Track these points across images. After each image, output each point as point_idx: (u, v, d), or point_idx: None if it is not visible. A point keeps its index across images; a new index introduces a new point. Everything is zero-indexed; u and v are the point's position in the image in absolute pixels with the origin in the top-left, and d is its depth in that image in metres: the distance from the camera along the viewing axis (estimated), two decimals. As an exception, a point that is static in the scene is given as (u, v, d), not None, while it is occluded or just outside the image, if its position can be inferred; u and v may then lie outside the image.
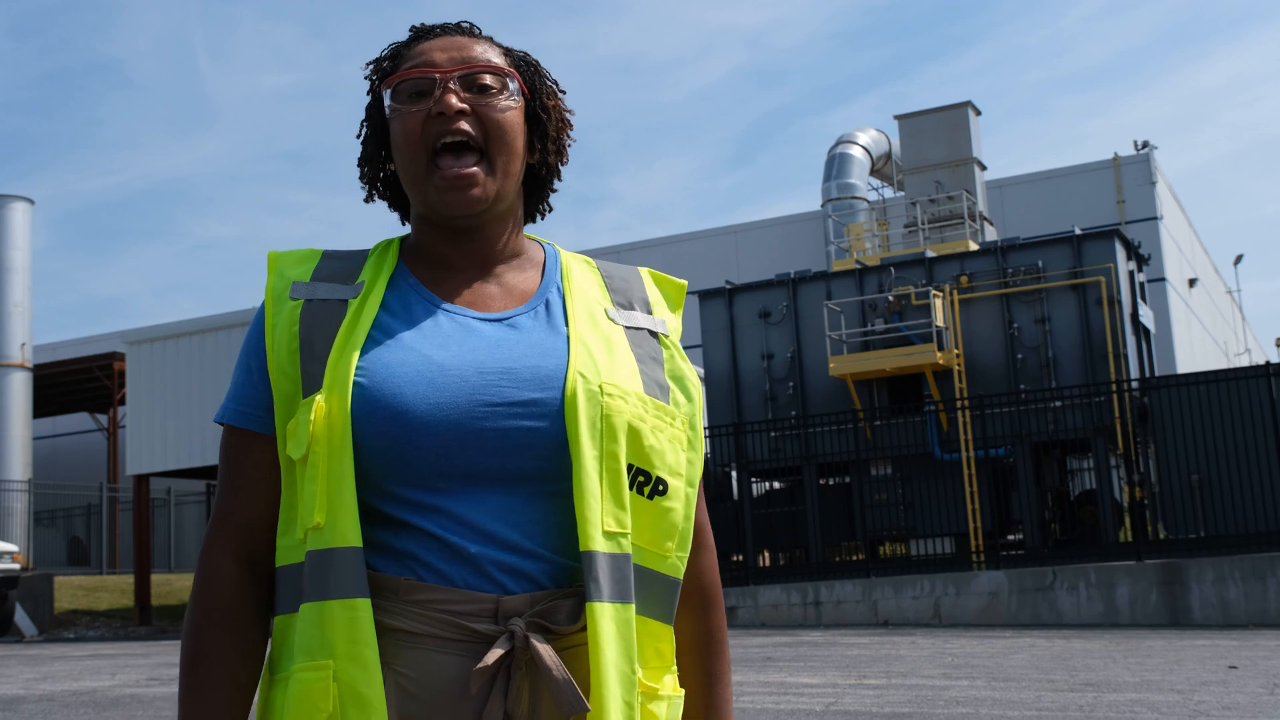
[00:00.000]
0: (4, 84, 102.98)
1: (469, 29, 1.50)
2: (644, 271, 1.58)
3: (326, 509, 1.30)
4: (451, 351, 1.37)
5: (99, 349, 33.13)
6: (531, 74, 1.51)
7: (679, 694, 1.45)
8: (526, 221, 1.55)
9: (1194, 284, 34.52)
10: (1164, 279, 29.68)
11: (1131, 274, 19.00)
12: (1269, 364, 15.64)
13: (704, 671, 1.52)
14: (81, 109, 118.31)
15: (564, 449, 1.34)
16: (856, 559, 18.41)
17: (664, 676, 1.43)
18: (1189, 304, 33.41)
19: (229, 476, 1.43)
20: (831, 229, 28.69)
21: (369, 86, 1.51)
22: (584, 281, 1.50)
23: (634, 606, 1.34)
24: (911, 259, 19.44)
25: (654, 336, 1.49)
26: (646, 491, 1.38)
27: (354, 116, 1.58)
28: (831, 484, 19.23)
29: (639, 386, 1.40)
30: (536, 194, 1.55)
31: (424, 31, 1.49)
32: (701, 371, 20.57)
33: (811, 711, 7.61)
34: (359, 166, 1.53)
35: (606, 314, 1.47)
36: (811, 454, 18.38)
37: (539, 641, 1.30)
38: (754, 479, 19.24)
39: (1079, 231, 18.62)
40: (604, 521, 1.32)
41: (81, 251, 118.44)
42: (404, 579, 1.32)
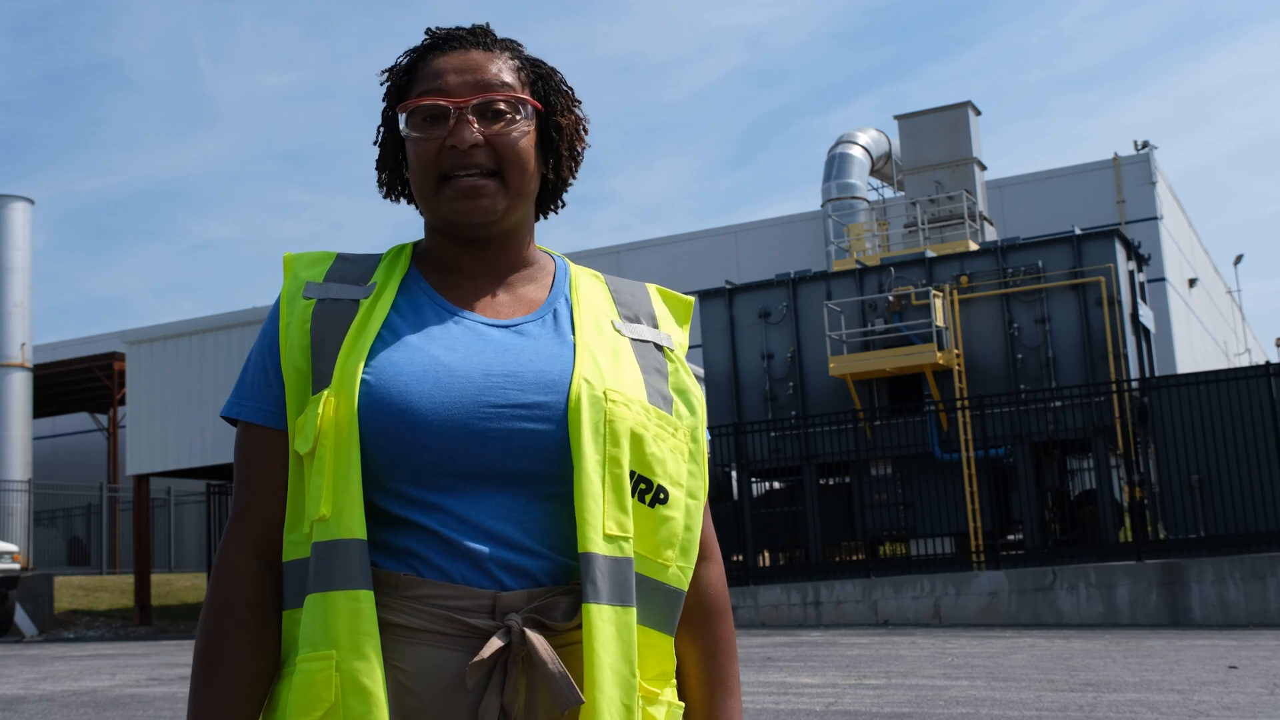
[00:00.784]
0: (4, 84, 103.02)
1: (484, 37, 1.50)
2: (651, 288, 1.60)
3: (332, 501, 1.32)
4: (459, 353, 1.39)
5: (99, 349, 33.14)
6: (545, 87, 1.51)
7: (679, 704, 1.46)
8: (536, 219, 1.56)
9: (1194, 284, 34.52)
10: (1164, 279, 29.68)
11: (1131, 274, 19.00)
12: (1269, 364, 15.64)
13: (713, 683, 1.52)
14: (81, 109, 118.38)
15: (566, 452, 1.35)
16: (856, 559, 18.41)
17: (664, 687, 1.43)
18: (1189, 304, 33.41)
19: (246, 473, 1.44)
20: (831, 229, 28.69)
21: (384, 94, 1.52)
22: (592, 294, 1.52)
23: (635, 611, 1.35)
24: (911, 259, 19.44)
25: (659, 350, 1.51)
26: (648, 499, 1.39)
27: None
28: (831, 484, 19.24)
29: (643, 395, 1.42)
30: (548, 198, 1.57)
31: (439, 40, 1.50)
32: (701, 371, 20.57)
33: (811, 711, 7.61)
34: (377, 170, 1.55)
35: (613, 325, 1.49)
36: (811, 454, 18.38)
37: (536, 636, 1.31)
38: (754, 479, 19.24)
39: (1079, 231, 18.62)
40: (605, 525, 1.33)
41: (81, 251, 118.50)
42: (403, 575, 1.33)
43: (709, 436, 18.90)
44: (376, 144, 1.54)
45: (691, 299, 1.62)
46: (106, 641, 17.88)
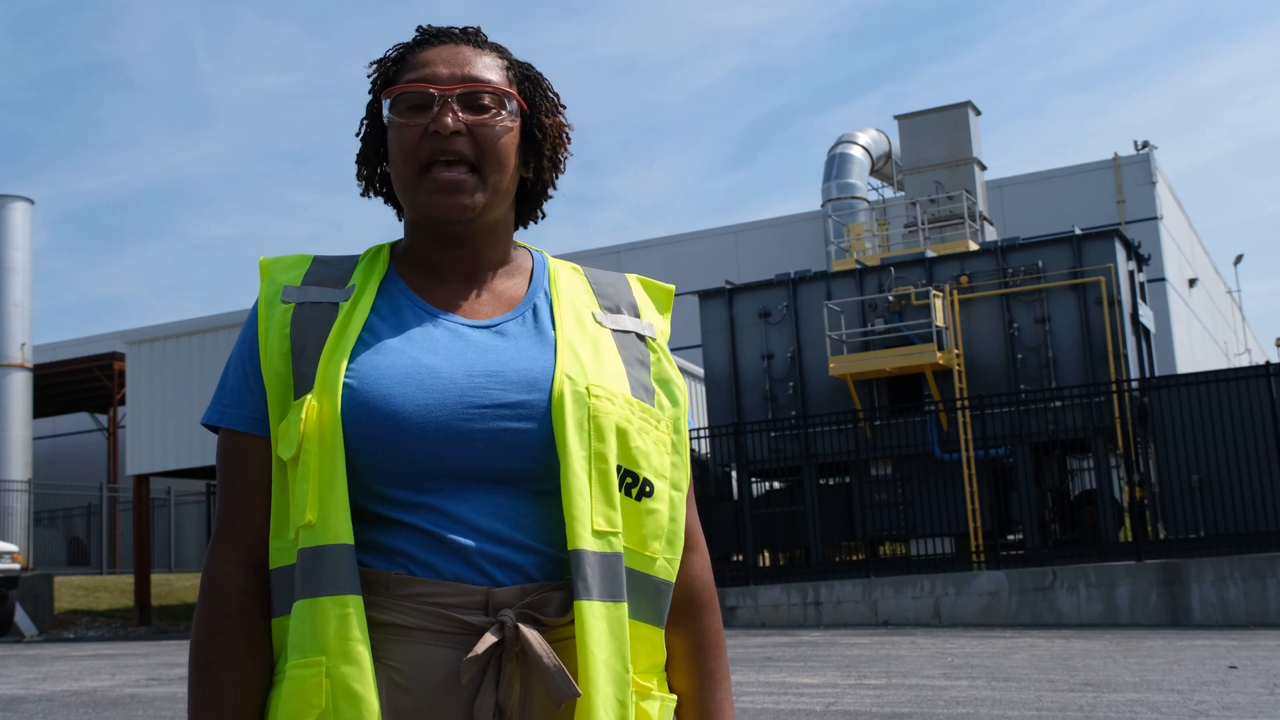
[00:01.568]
0: (4, 84, 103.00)
1: (475, 36, 1.51)
2: (631, 277, 1.60)
3: (318, 507, 1.31)
4: (441, 355, 1.39)
5: (99, 349, 33.14)
6: (532, 89, 1.51)
7: (671, 697, 1.46)
8: (516, 228, 1.56)
9: (1194, 284, 34.52)
10: (1164, 279, 29.68)
11: (1131, 274, 18.99)
12: (1269, 364, 15.64)
13: (701, 674, 1.52)
14: (81, 109, 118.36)
15: (551, 450, 1.35)
16: (856, 559, 18.41)
17: (656, 680, 1.44)
18: (1189, 304, 33.41)
19: (230, 482, 1.43)
20: (831, 229, 28.69)
21: (370, 85, 1.52)
22: (571, 287, 1.52)
23: (626, 606, 1.35)
24: (911, 259, 19.44)
25: (641, 340, 1.50)
26: (634, 493, 1.39)
27: (354, 116, 1.59)
28: (831, 484, 19.23)
29: (625, 389, 1.42)
30: (529, 204, 1.56)
31: (429, 35, 1.50)
32: (701, 371, 20.57)
33: (811, 711, 7.61)
34: (357, 164, 1.55)
35: (594, 317, 1.48)
36: (811, 454, 18.38)
37: (530, 630, 1.31)
38: (754, 479, 19.24)
39: (1079, 231, 18.61)
40: (594, 520, 1.33)
41: (81, 251, 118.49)
42: (394, 574, 1.33)
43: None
44: (358, 136, 1.54)
45: (671, 286, 1.61)
46: (106, 641, 17.88)
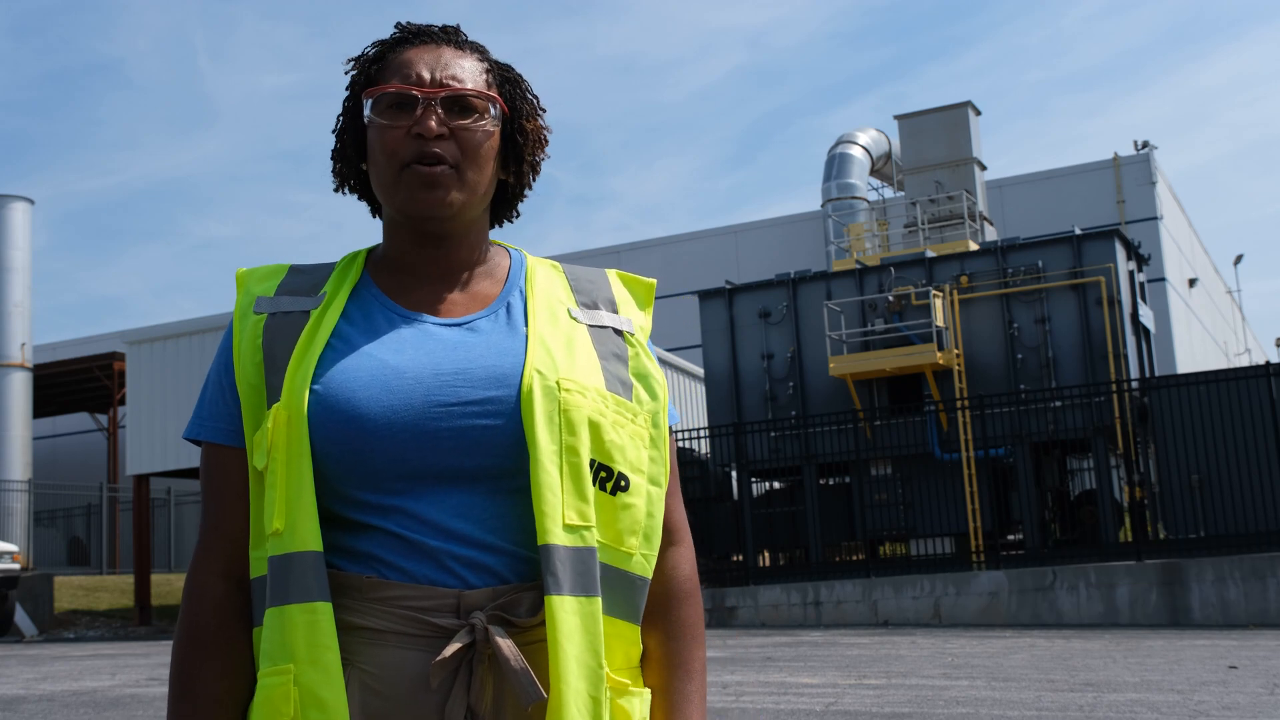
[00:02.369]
0: (4, 84, 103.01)
1: (455, 36, 1.51)
2: (611, 273, 1.59)
3: (285, 514, 1.31)
4: (408, 356, 1.38)
5: (99, 349, 33.13)
6: (512, 91, 1.51)
7: (648, 692, 1.45)
8: (492, 227, 1.56)
9: (1194, 284, 34.52)
10: (1164, 279, 29.68)
11: (1131, 274, 18.99)
12: (1269, 364, 15.64)
13: (673, 665, 1.50)
14: (81, 109, 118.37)
15: (521, 446, 1.34)
16: (856, 559, 18.41)
17: (634, 677, 1.43)
18: (1189, 304, 33.41)
19: (211, 494, 1.44)
20: (831, 229, 28.69)
21: (349, 83, 1.51)
22: (548, 283, 1.51)
23: (600, 601, 1.34)
24: (911, 259, 19.43)
25: (619, 335, 1.49)
26: (609, 487, 1.38)
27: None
28: (831, 484, 19.23)
29: (600, 382, 1.41)
30: (504, 205, 1.57)
31: (410, 34, 1.50)
32: (701, 371, 20.56)
33: (811, 711, 7.61)
34: (333, 160, 1.54)
35: (569, 313, 1.47)
36: (811, 454, 18.38)
37: (498, 633, 1.30)
38: (754, 479, 19.24)
39: (1079, 231, 18.61)
40: (565, 515, 1.32)
41: (81, 251, 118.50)
42: (366, 577, 1.33)
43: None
44: (335, 132, 1.53)
45: (653, 281, 1.60)
46: (106, 641, 17.88)
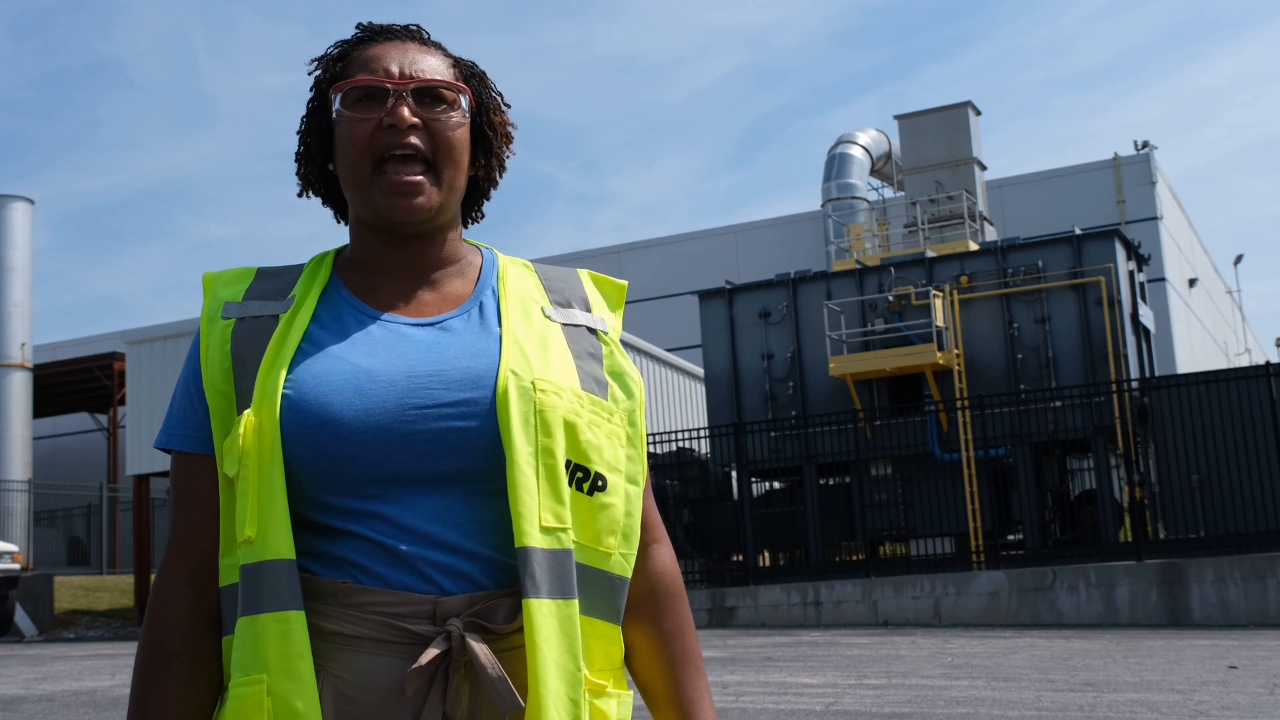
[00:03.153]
0: (4, 84, 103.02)
1: (418, 34, 1.50)
2: (583, 273, 1.57)
3: (258, 522, 1.30)
4: (380, 358, 1.37)
5: (99, 349, 33.12)
6: (479, 86, 1.50)
7: (627, 693, 1.44)
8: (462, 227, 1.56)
9: (1194, 284, 34.52)
10: (1164, 279, 29.68)
11: (1131, 274, 18.99)
12: (1269, 364, 15.63)
13: (680, 663, 1.50)
14: (82, 109, 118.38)
15: (497, 447, 1.33)
16: (856, 559, 18.40)
17: (612, 678, 1.41)
18: (1189, 304, 33.41)
19: (180, 502, 1.42)
20: (831, 229, 28.68)
21: (313, 83, 1.49)
22: (521, 282, 1.49)
23: (577, 603, 1.33)
24: (911, 259, 19.43)
25: (593, 334, 1.48)
26: (586, 488, 1.37)
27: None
28: (831, 484, 19.23)
29: (575, 382, 1.39)
30: (473, 202, 1.55)
31: (374, 32, 1.48)
32: (701, 371, 20.55)
33: (811, 711, 7.61)
34: (296, 162, 1.52)
35: (543, 312, 1.46)
36: (811, 454, 18.38)
37: (475, 640, 1.29)
38: (754, 479, 19.23)
39: (1079, 231, 18.61)
40: (541, 517, 1.31)
41: (81, 251, 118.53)
42: (341, 582, 1.31)
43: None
44: (299, 134, 1.51)
45: (623, 282, 1.59)
46: (106, 641, 17.88)
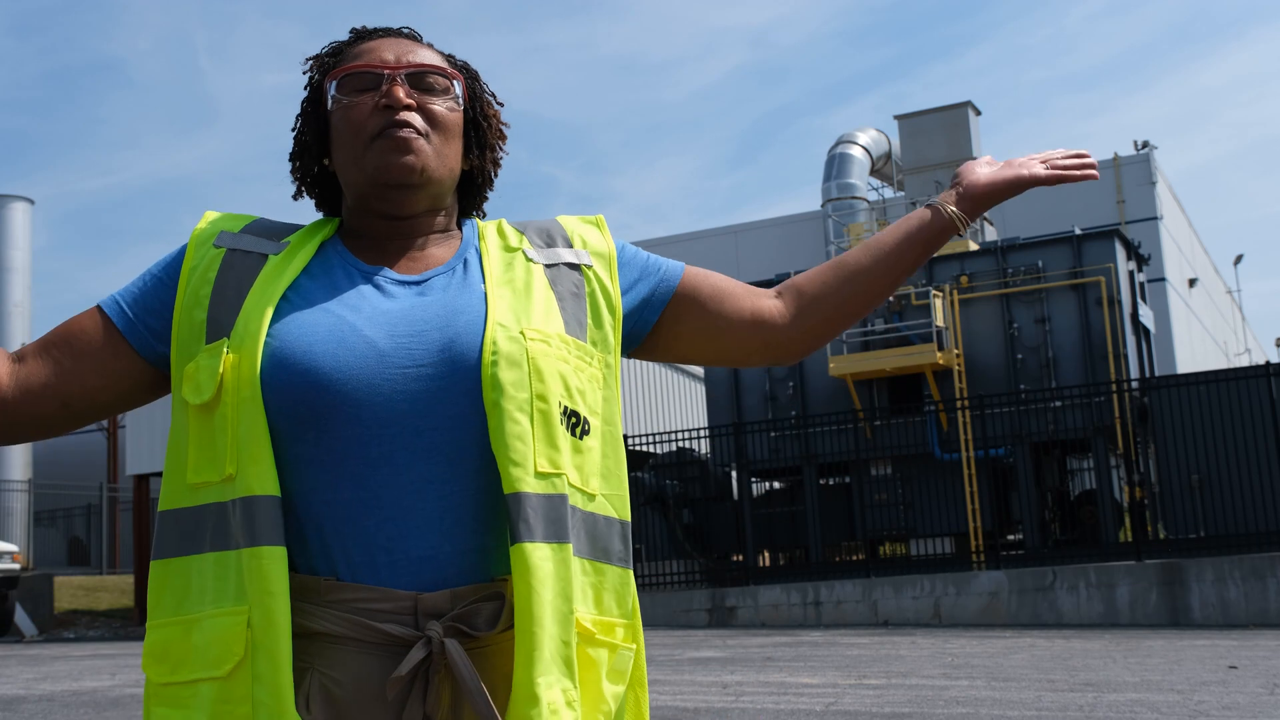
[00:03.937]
0: (5, 83, 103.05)
1: (411, 33, 1.52)
2: (561, 218, 1.59)
3: (238, 459, 1.30)
4: (364, 314, 1.38)
5: (99, 349, 33.09)
6: (472, 83, 1.54)
7: (629, 646, 1.44)
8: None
9: (1194, 284, 34.52)
10: (1164, 279, 29.68)
11: (1131, 274, 19.00)
12: (1269, 364, 15.63)
13: (867, 251, 1.59)
14: (82, 108, 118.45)
15: (477, 407, 1.33)
16: (856, 559, 18.40)
17: (620, 628, 1.42)
18: (1189, 304, 33.40)
19: (61, 328, 1.44)
20: (831, 229, 28.69)
21: (307, 81, 1.51)
22: (500, 234, 1.52)
23: (571, 546, 1.33)
24: (911, 259, 19.41)
25: (575, 270, 1.49)
26: (577, 432, 1.38)
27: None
28: (831, 484, 19.23)
29: (560, 327, 1.41)
30: (470, 199, 1.58)
31: (366, 33, 1.51)
32: (701, 371, 20.54)
33: (811, 711, 7.61)
34: (291, 161, 1.54)
35: (525, 255, 1.48)
36: (811, 454, 18.38)
37: (455, 648, 1.29)
38: (754, 479, 19.23)
39: (1079, 231, 18.61)
40: (536, 463, 1.32)
41: (81, 251, 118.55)
42: (325, 580, 1.32)
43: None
44: (293, 131, 1.53)
45: (599, 215, 1.61)
46: (106, 641, 17.88)
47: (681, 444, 19.17)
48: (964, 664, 10.20)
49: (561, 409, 1.36)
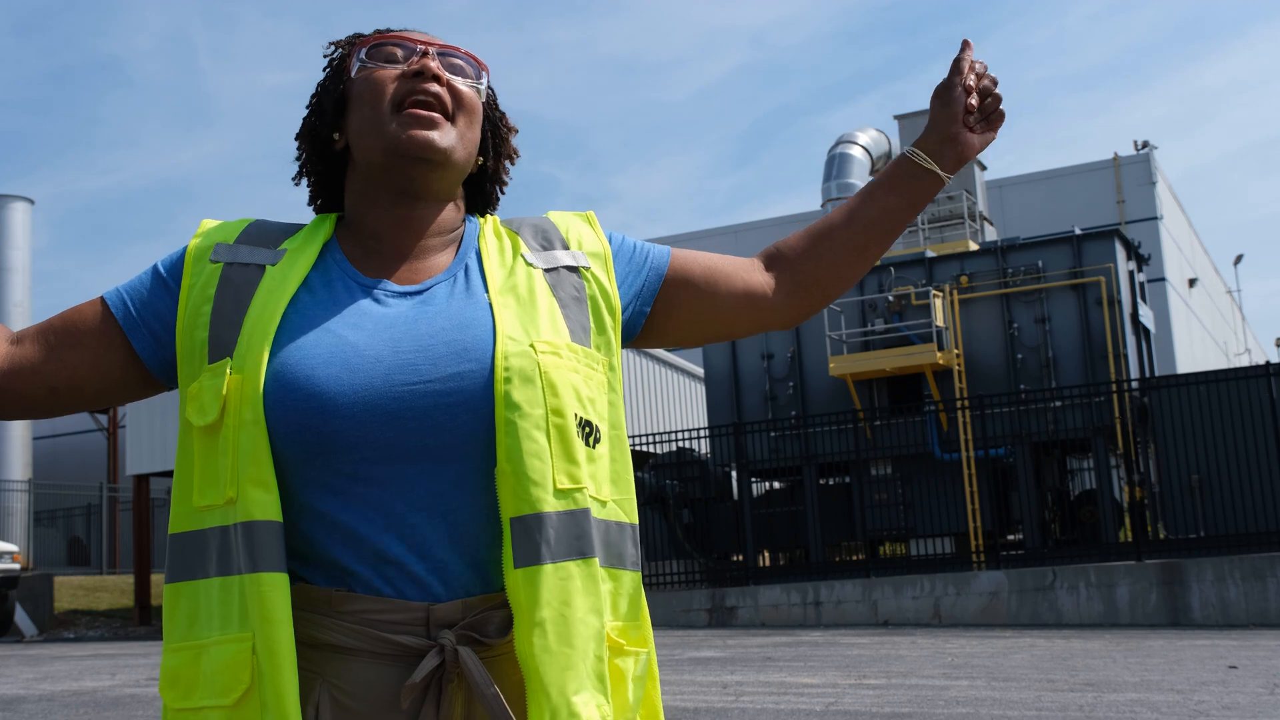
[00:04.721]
0: (5, 83, 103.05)
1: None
2: (551, 213, 1.57)
3: (238, 483, 1.28)
4: (367, 331, 1.35)
5: (99, 349, 33.09)
6: (489, 92, 1.54)
7: (645, 650, 1.44)
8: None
9: (1194, 284, 34.51)
10: (1164, 279, 29.68)
11: (1131, 274, 19.00)
12: (1269, 364, 15.63)
13: (854, 203, 1.60)
14: (82, 108, 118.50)
15: (488, 421, 1.31)
16: (856, 559, 18.40)
17: (637, 631, 1.42)
18: (1189, 304, 33.40)
19: (61, 314, 1.44)
20: (831, 229, 28.66)
21: (328, 61, 1.50)
22: (499, 239, 1.49)
23: (596, 561, 1.32)
24: (911, 259, 19.43)
25: (574, 272, 1.47)
26: (591, 441, 1.37)
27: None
28: (831, 484, 19.24)
29: (566, 336, 1.39)
30: (480, 196, 1.56)
31: (390, 30, 1.50)
32: (701, 371, 20.53)
33: (811, 711, 7.61)
34: (297, 140, 1.51)
35: (524, 259, 1.45)
36: (811, 454, 18.38)
37: (468, 654, 1.29)
38: (754, 479, 19.23)
39: (1079, 231, 18.61)
40: (556, 480, 1.30)
41: (81, 251, 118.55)
42: (336, 591, 1.31)
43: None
44: (309, 105, 1.51)
45: (590, 211, 1.60)
46: (106, 641, 17.87)
47: (681, 444, 19.18)
48: (964, 664, 10.20)
49: (577, 420, 1.34)
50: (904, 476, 17.87)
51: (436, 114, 1.41)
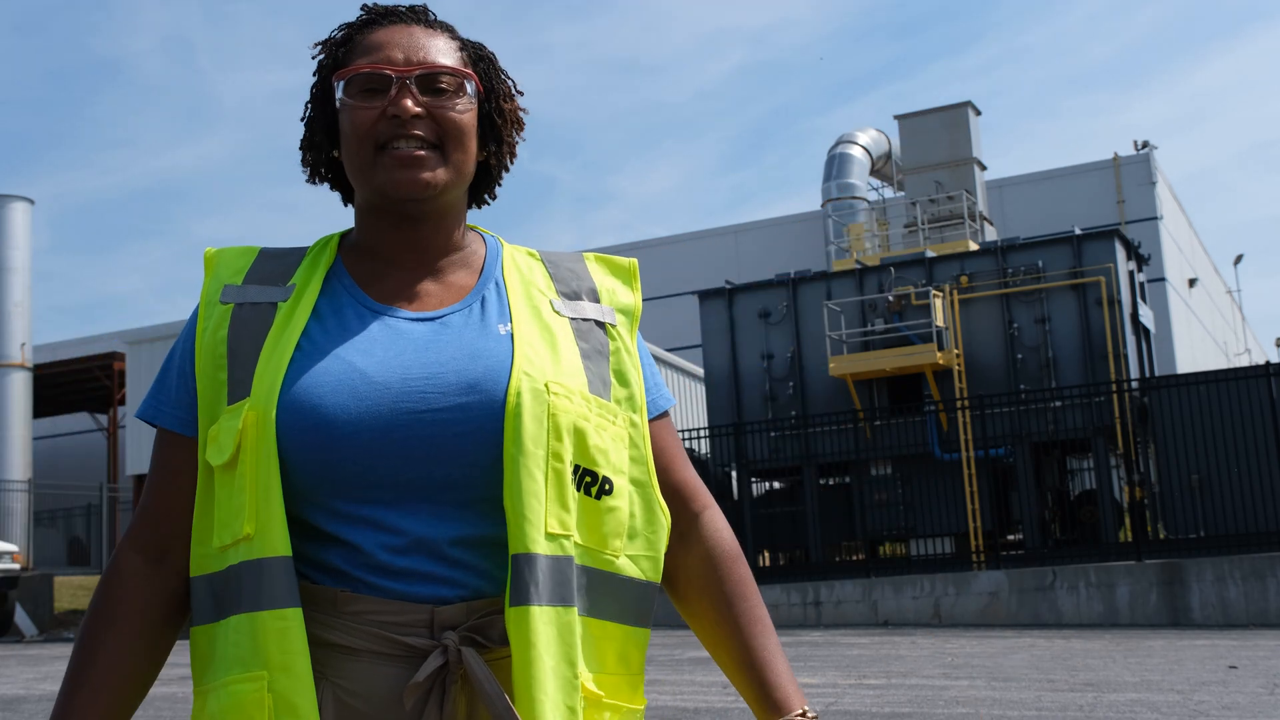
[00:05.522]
0: (5, 82, 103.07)
1: (424, 15, 1.46)
2: (589, 257, 1.53)
3: (255, 519, 1.28)
4: (377, 358, 1.34)
5: (99, 349, 33.08)
6: (487, 69, 1.47)
7: (638, 706, 1.41)
8: (469, 207, 1.52)
9: (1194, 284, 34.51)
10: (1164, 279, 29.68)
11: (1131, 274, 19.00)
12: (1269, 364, 15.64)
13: (748, 621, 1.46)
14: (82, 107, 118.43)
15: (495, 454, 1.30)
16: (856, 559, 18.41)
17: (626, 686, 1.39)
18: (1189, 304, 33.40)
19: (152, 473, 1.42)
20: (831, 229, 28.69)
21: (316, 67, 1.46)
22: (528, 275, 1.46)
23: (575, 610, 1.31)
24: (911, 259, 19.44)
25: (601, 328, 1.45)
26: (594, 492, 1.35)
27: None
28: (831, 484, 19.24)
29: (583, 385, 1.37)
30: (482, 187, 1.52)
31: (378, 14, 1.45)
32: (701, 371, 20.54)
33: (811, 711, 7.60)
34: (301, 150, 1.49)
35: (552, 306, 1.43)
36: (811, 454, 18.38)
37: (472, 655, 1.29)
38: (754, 479, 19.24)
39: (1079, 231, 18.62)
40: (548, 523, 1.29)
41: (81, 251, 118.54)
42: (340, 591, 1.31)
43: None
44: (303, 120, 1.48)
45: (632, 261, 1.56)
46: (106, 641, 17.85)
47: (682, 443, 19.17)
48: (964, 664, 10.19)
49: (574, 469, 1.33)
50: (904, 476, 17.87)
51: (422, 151, 1.38)
